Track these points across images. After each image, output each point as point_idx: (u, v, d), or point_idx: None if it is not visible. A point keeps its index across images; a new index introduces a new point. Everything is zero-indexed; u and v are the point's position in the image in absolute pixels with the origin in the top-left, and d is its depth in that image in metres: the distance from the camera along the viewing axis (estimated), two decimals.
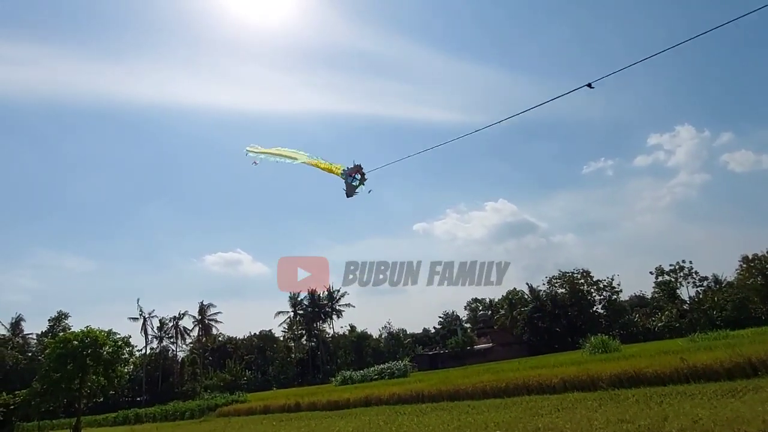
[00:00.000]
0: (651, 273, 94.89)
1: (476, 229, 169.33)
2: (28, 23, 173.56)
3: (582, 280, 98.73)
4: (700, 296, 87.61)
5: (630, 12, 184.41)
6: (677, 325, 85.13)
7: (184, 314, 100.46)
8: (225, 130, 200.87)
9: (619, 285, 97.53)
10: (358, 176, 13.09)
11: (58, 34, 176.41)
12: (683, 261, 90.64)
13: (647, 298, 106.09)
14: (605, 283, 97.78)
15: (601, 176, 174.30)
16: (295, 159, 15.41)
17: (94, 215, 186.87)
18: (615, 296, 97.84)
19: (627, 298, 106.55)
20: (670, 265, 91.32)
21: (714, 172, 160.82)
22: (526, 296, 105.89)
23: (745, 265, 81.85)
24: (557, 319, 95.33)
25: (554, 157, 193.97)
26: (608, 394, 19.52)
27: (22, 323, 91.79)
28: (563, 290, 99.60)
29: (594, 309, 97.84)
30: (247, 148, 17.06)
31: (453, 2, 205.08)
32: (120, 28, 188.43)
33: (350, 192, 13.09)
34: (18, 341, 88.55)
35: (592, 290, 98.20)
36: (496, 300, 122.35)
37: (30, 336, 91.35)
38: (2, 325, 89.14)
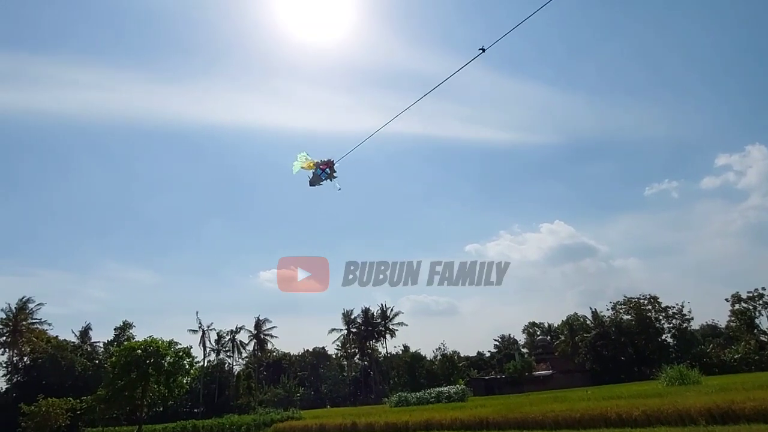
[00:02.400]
0: (726, 300, 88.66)
1: (531, 251, 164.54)
2: (107, 51, 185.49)
3: (649, 306, 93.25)
4: None
5: (687, 25, 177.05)
6: (756, 357, 78.79)
7: (240, 328, 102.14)
8: (283, 150, 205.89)
9: (690, 312, 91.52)
10: (328, 171, 12.63)
11: (133, 60, 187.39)
12: (762, 288, 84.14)
13: (720, 328, 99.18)
14: (675, 310, 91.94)
15: (665, 198, 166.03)
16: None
17: (161, 231, 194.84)
18: (685, 324, 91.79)
19: (698, 327, 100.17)
20: (748, 293, 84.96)
21: None
22: (588, 322, 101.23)
23: None
24: (623, 348, 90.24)
25: (614, 178, 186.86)
26: (702, 430, 17.64)
27: (90, 332, 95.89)
28: (629, 316, 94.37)
29: (662, 338, 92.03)
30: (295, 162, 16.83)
31: (505, 22, 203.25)
32: (188, 54, 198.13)
33: (314, 181, 12.69)
34: (87, 349, 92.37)
35: (661, 317, 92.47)
36: (556, 325, 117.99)
37: (97, 344, 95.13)
38: (73, 333, 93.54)
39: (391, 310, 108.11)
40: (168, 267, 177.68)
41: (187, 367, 46.01)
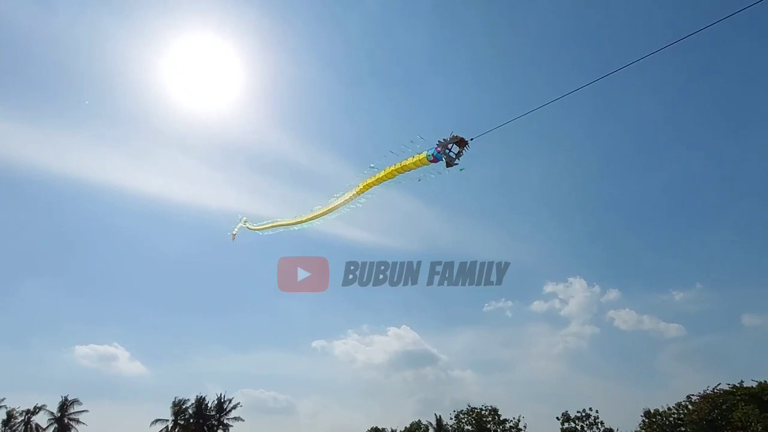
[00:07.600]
0: (557, 419, 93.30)
1: (377, 354, 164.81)
2: None
3: (490, 418, 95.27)
4: None
5: (544, 160, 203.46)
6: None
7: (39, 408, 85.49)
8: (130, 213, 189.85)
9: (525, 427, 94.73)
10: (456, 148, 11.02)
11: None
12: (589, 409, 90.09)
13: None
14: (512, 424, 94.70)
15: (500, 316, 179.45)
16: (307, 220, 13.90)
17: None
18: None
19: None
20: (577, 412, 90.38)
21: (602, 326, 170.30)
22: (431, 430, 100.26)
23: (647, 420, 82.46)
24: None
25: (461, 290, 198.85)
26: None
27: None
28: (470, 427, 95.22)
29: None
30: (245, 224, 15.35)
31: (382, 125, 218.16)
32: (48, 93, 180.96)
33: (450, 162, 11.12)
34: None
35: (499, 430, 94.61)
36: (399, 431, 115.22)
37: None
38: None
39: (229, 402, 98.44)
40: None
41: None
